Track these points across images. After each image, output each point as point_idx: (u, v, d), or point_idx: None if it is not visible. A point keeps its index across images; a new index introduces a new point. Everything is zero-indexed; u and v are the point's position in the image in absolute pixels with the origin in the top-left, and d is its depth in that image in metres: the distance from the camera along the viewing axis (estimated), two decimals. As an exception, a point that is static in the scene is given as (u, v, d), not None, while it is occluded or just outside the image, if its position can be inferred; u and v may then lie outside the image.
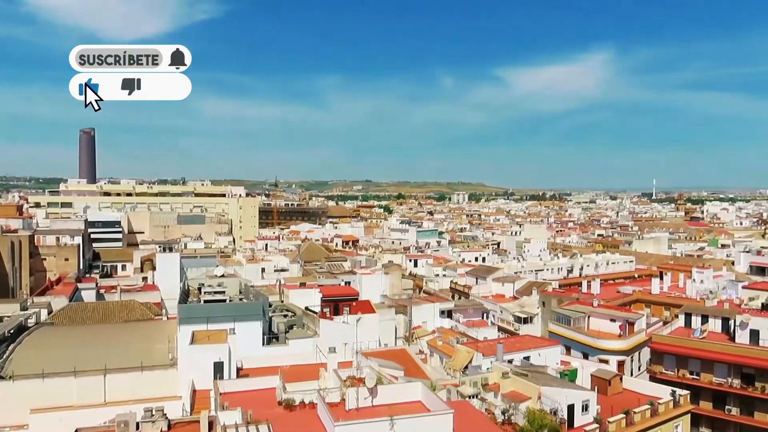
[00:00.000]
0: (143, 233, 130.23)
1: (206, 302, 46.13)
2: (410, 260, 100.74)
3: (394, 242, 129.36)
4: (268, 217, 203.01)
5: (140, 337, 41.44)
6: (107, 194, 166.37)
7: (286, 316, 49.22)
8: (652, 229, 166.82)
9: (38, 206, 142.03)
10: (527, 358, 45.41)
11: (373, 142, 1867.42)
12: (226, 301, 46.97)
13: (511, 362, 42.27)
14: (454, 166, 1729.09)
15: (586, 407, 36.98)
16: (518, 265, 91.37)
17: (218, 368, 35.30)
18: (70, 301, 55.44)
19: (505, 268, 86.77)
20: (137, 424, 26.52)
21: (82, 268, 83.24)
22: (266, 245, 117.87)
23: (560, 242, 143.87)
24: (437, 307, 64.31)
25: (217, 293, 47.92)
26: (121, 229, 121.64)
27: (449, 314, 64.38)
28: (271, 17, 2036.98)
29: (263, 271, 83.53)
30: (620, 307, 66.95)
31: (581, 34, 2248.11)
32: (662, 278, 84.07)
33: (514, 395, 36.66)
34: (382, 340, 49.59)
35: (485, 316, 67.55)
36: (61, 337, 41.26)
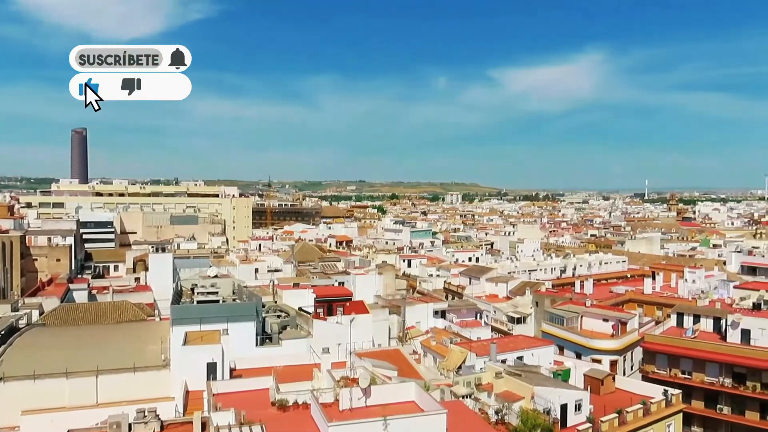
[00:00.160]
0: (136, 234, 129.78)
1: (199, 303, 45.82)
2: (404, 260, 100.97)
3: (387, 242, 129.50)
4: (261, 217, 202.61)
5: (133, 337, 41.30)
6: (99, 194, 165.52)
7: (279, 316, 49.12)
8: (644, 229, 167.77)
9: (29, 206, 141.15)
10: (520, 358, 45.52)
11: (366, 142, 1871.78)
12: (219, 301, 46.71)
13: (504, 362, 42.40)
14: (447, 166, 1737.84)
15: (579, 407, 37.10)
16: (511, 265, 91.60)
17: (211, 369, 35.21)
18: (61, 301, 55.25)
19: (498, 268, 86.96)
20: (130, 425, 26.40)
21: (74, 268, 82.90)
22: (260, 245, 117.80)
23: (553, 242, 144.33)
24: (431, 307, 64.50)
25: (210, 294, 47.59)
26: (113, 229, 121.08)
27: (443, 314, 64.54)
28: (265, 17, 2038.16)
29: (257, 271, 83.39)
30: (613, 307, 67.27)
31: (575, 34, 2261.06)
32: (654, 278, 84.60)
33: (507, 395, 36.76)
34: (375, 340, 49.60)
35: (479, 316, 67.73)
36: (52, 338, 41.06)
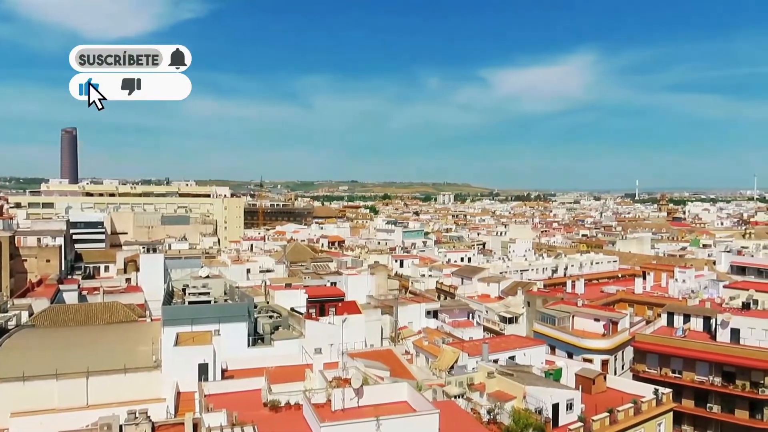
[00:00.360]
0: (127, 234, 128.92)
1: (191, 303, 45.66)
2: (396, 261, 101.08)
3: (380, 243, 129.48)
4: (253, 217, 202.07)
5: (123, 338, 41.03)
6: (90, 194, 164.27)
7: (271, 317, 48.96)
8: (635, 229, 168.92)
9: (19, 206, 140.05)
10: (512, 357, 45.64)
11: (358, 142, 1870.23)
12: (210, 302, 46.53)
13: (496, 362, 42.52)
14: (439, 166, 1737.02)
15: (570, 406, 37.23)
16: (503, 265, 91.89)
17: (203, 370, 35.05)
18: (51, 302, 54.78)
19: (490, 268, 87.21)
20: (120, 426, 26.24)
21: (63, 269, 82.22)
22: (251, 246, 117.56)
23: (545, 242, 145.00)
24: (423, 307, 64.58)
25: (201, 294, 47.39)
26: (103, 229, 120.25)
27: (435, 314, 64.60)
28: (256, 17, 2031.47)
29: (248, 271, 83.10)
30: (604, 306, 67.66)
31: (566, 35, 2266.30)
32: (645, 278, 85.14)
33: (499, 395, 36.86)
34: (368, 340, 49.63)
35: (471, 316, 67.88)
36: (42, 339, 40.69)
